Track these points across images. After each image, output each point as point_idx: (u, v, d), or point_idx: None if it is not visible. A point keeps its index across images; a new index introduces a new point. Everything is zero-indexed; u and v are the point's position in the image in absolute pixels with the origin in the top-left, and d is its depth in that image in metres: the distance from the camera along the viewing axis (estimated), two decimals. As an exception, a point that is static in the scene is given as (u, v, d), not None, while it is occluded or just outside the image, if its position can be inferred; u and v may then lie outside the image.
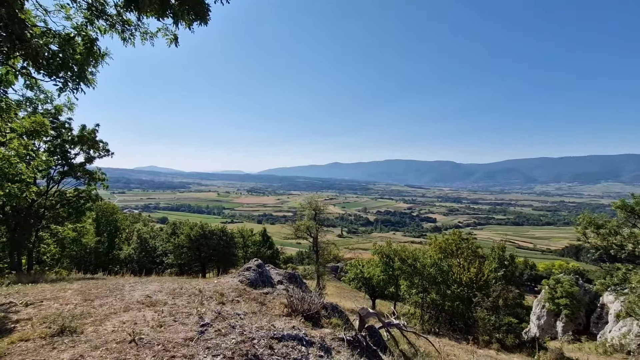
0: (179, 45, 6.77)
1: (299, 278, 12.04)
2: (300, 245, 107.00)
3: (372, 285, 31.19)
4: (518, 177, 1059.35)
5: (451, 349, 13.53)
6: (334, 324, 8.89)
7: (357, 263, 33.43)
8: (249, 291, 9.20)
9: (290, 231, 30.21)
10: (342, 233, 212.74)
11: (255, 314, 7.10)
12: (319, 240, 29.39)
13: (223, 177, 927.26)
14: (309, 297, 8.32)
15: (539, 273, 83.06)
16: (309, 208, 29.79)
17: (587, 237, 17.24)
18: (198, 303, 7.39)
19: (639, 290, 14.30)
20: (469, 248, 28.52)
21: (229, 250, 32.37)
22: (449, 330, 21.47)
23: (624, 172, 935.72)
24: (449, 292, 22.41)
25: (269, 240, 44.96)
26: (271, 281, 10.78)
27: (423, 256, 24.36)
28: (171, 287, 8.88)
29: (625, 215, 15.78)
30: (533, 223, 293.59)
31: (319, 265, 29.68)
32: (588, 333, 31.90)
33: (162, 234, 35.62)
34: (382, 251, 25.12)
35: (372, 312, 10.04)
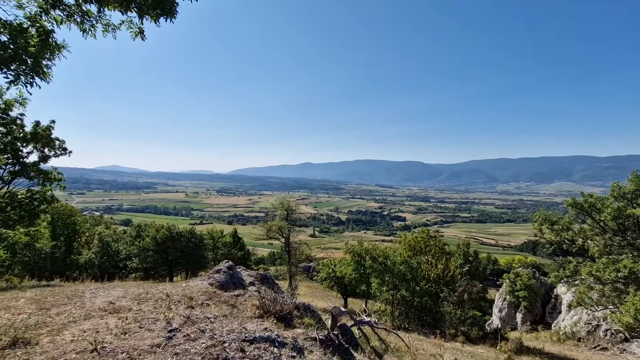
0: (145, 39, 6.48)
1: (271, 279, 11.94)
2: (272, 246, 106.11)
3: (344, 284, 31.52)
4: (481, 177, 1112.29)
5: (420, 344, 13.96)
6: (306, 323, 8.90)
7: (329, 262, 33.66)
8: (219, 294, 9.00)
9: (262, 232, 29.85)
10: (315, 233, 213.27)
11: (226, 317, 6.95)
12: (291, 240, 29.27)
13: (191, 177, 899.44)
14: (281, 298, 8.27)
15: (500, 267, 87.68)
16: (281, 208, 29.58)
17: (543, 233, 18.42)
18: (165, 308, 7.14)
19: (588, 282, 15.48)
20: (436, 245, 29.58)
21: (198, 253, 31.45)
22: (418, 325, 22.15)
23: (575, 172, 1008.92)
24: (418, 288, 23.11)
25: (240, 242, 44.16)
26: (242, 283, 10.61)
27: (393, 254, 24.95)
28: (136, 292, 8.50)
29: (575, 212, 17.03)
30: (495, 220, 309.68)
31: (291, 265, 29.56)
32: (544, 323, 34.12)
33: (126, 237, 33.97)
34: (354, 250, 25.46)
35: (344, 311, 10.14)
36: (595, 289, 15.66)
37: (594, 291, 15.68)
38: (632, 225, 15.53)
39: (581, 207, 16.61)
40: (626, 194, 15.48)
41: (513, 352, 16.46)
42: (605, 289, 15.25)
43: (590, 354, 21.02)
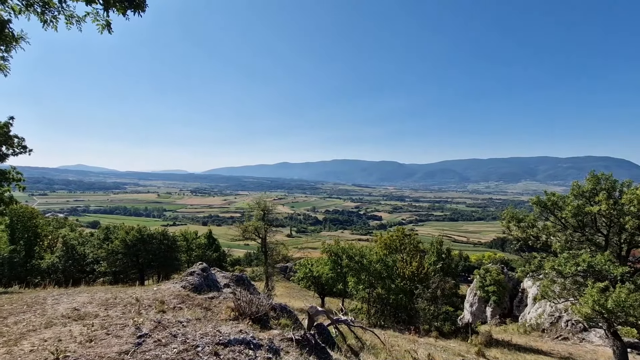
0: (112, 32, 6.20)
1: (247, 280, 11.77)
2: (248, 247, 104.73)
3: (321, 283, 31.59)
4: (454, 177, 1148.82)
5: (395, 340, 14.23)
6: (283, 324, 8.85)
7: (306, 262, 33.63)
8: (192, 297, 8.77)
9: (237, 232, 29.35)
10: (292, 233, 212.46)
11: (199, 320, 6.78)
12: (268, 240, 28.97)
13: (164, 176, 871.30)
14: (257, 299, 8.17)
15: (471, 264, 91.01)
16: (258, 208, 29.21)
17: (510, 230, 19.22)
18: (135, 313, 6.86)
19: (551, 275, 16.32)
20: (411, 244, 30.27)
21: (171, 255, 30.51)
22: (394, 322, 22.57)
23: (539, 172, 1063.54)
24: (394, 286, 23.54)
25: (215, 243, 43.27)
26: (217, 285, 10.39)
27: (369, 253, 25.26)
28: (103, 298, 8.12)
29: (539, 210, 17.90)
30: (467, 218, 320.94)
31: (268, 266, 29.27)
32: (512, 315, 35.74)
33: (93, 240, 32.41)
34: (331, 249, 25.57)
35: (321, 310, 10.17)
36: (557, 283, 16.52)
37: (557, 284, 16.54)
38: (590, 222, 16.53)
39: (545, 205, 17.48)
40: (584, 193, 16.46)
41: (483, 345, 17.12)
42: (566, 282, 16.13)
43: (553, 344, 22.24)
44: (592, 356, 18.66)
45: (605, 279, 14.10)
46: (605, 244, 16.26)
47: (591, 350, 20.85)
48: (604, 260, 13.84)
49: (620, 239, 15.92)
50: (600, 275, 14.20)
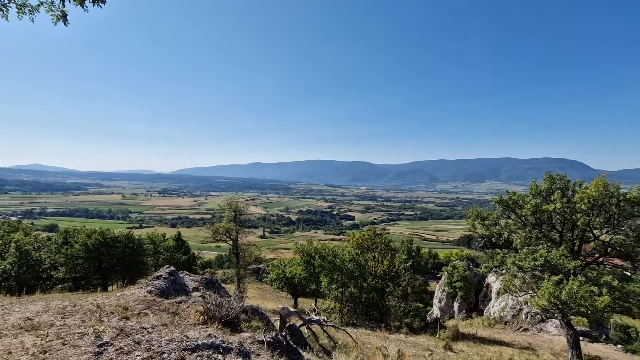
0: (68, 24, 5.84)
1: (217, 283, 11.50)
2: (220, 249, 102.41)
3: (294, 284, 31.48)
4: (424, 177, 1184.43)
5: (367, 338, 14.45)
6: (254, 327, 8.72)
7: (278, 263, 33.38)
8: (159, 302, 8.44)
9: (208, 234, 28.59)
10: (265, 234, 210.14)
11: (166, 325, 6.54)
12: (240, 242, 28.46)
13: (129, 177, 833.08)
14: (228, 302, 8.01)
15: (440, 261, 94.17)
16: (229, 209, 28.60)
17: (475, 228, 20.11)
18: (95, 320, 6.51)
19: (512, 270, 17.25)
20: (382, 242, 30.84)
21: (137, 259, 29.20)
22: (366, 320, 22.89)
23: (502, 172, 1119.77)
24: (366, 284, 23.88)
25: (184, 245, 41.90)
26: (186, 289, 10.07)
27: (342, 252, 25.47)
28: (60, 306, 7.64)
29: (502, 208, 18.88)
30: (436, 217, 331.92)
31: (240, 268, 28.76)
32: (477, 310, 37.39)
33: (51, 244, 30.37)
34: (304, 250, 25.53)
35: (293, 311, 10.13)
36: (518, 277, 17.49)
37: (517, 279, 17.50)
38: (547, 219, 17.62)
39: (506, 203, 18.45)
40: (541, 192, 17.54)
41: (450, 339, 17.76)
42: (526, 277, 17.11)
43: (515, 335, 23.50)
44: (549, 345, 19.88)
45: (560, 272, 15.09)
46: (560, 239, 17.39)
47: (548, 339, 22.23)
48: (558, 255, 14.79)
49: (573, 235, 17.09)
50: (556, 269, 15.18)
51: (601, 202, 15.33)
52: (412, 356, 11.64)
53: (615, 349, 22.89)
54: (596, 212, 15.78)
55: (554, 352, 17.72)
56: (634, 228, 15.75)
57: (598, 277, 14.54)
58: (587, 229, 16.30)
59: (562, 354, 17.25)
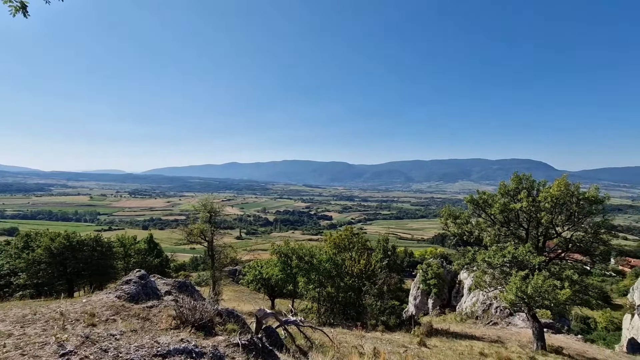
0: (28, 16, 5.51)
1: (191, 286, 11.22)
2: (194, 251, 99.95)
3: (271, 285, 31.21)
4: (399, 177, 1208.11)
5: (344, 337, 14.55)
6: (229, 330, 8.57)
7: (255, 264, 32.99)
8: (128, 307, 8.12)
9: (182, 236, 27.76)
10: (241, 235, 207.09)
11: (136, 331, 6.30)
12: (215, 243, 27.85)
13: (98, 177, 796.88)
14: (201, 305, 7.83)
15: (415, 259, 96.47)
16: (204, 210, 27.91)
17: (448, 227, 20.78)
18: (58, 329, 6.17)
19: (482, 267, 17.96)
20: (359, 242, 31.20)
21: (105, 263, 27.97)
22: (343, 320, 23.05)
23: (473, 172, 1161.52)
24: (343, 284, 24.05)
25: (156, 248, 40.62)
26: (157, 293, 9.75)
27: (319, 252, 25.52)
28: (20, 314, 7.18)
29: (473, 207, 19.61)
30: (411, 217, 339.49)
31: (215, 270, 28.15)
32: (450, 306, 38.55)
33: (10, 249, 28.53)
34: (280, 250, 25.38)
35: (270, 313, 10.05)
36: (488, 273, 18.21)
37: (487, 275, 18.22)
38: (514, 217, 18.48)
39: (477, 203, 19.18)
40: (509, 192, 18.37)
41: (425, 335, 18.22)
42: (495, 273, 17.85)
43: (485, 329, 24.43)
44: (516, 337, 20.81)
45: (526, 268, 15.85)
46: (526, 237, 18.27)
47: (516, 332, 23.28)
48: (525, 252, 15.53)
49: (538, 232, 18.00)
50: (522, 265, 15.92)
51: (563, 200, 16.23)
52: (388, 353, 11.83)
53: (576, 339, 24.30)
54: (558, 210, 16.71)
55: (521, 344, 18.57)
56: (592, 225, 16.79)
57: (560, 272, 15.39)
58: (550, 226, 17.21)
59: (529, 346, 18.11)
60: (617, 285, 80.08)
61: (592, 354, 19.00)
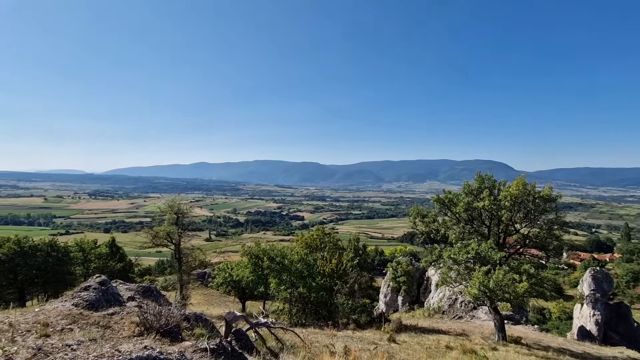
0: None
1: (156, 291, 10.78)
2: (161, 254, 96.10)
3: (242, 287, 30.67)
4: (370, 177, 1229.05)
5: (315, 337, 14.58)
6: (197, 334, 8.33)
7: (225, 266, 32.23)
8: (87, 315, 7.67)
9: (147, 239, 26.59)
10: (211, 236, 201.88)
11: (95, 341, 5.96)
12: (182, 246, 26.91)
13: (53, 177, 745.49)
14: (167, 310, 7.54)
15: (386, 258, 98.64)
16: (170, 211, 26.88)
17: (416, 225, 21.44)
18: (7, 341, 5.70)
19: (448, 264, 18.67)
20: (330, 242, 31.34)
21: (62, 269, 26.27)
22: (315, 320, 23.08)
23: (440, 173, 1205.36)
24: (314, 284, 24.07)
25: (119, 252, 38.61)
26: (119, 299, 9.28)
27: (291, 253, 25.38)
28: (-40, 328, 6.56)
29: (439, 206, 20.36)
30: (382, 216, 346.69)
31: (182, 273, 27.20)
32: (419, 302, 39.74)
33: (-50, 257, 26.01)
34: (251, 252, 24.96)
35: (240, 315, 9.86)
36: (453, 269, 18.95)
37: (453, 271, 18.96)
38: (477, 215, 19.39)
39: (443, 202, 19.93)
40: (473, 191, 19.25)
41: (394, 331, 18.65)
42: (460, 269, 18.60)
43: (451, 323, 25.43)
44: (480, 330, 21.84)
45: (488, 263, 16.65)
46: (488, 233, 19.21)
47: (479, 325, 24.43)
48: (487, 248, 16.33)
49: (499, 229, 19.00)
50: (485, 260, 16.72)
51: (521, 199, 17.25)
52: (358, 351, 11.99)
53: (533, 329, 25.91)
54: (517, 209, 17.73)
55: (484, 336, 19.51)
56: (546, 222, 17.99)
57: (519, 266, 16.31)
58: (510, 223, 18.23)
59: (491, 337, 19.07)
60: (569, 277, 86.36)
61: (546, 342, 20.33)
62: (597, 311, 28.18)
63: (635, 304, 63.46)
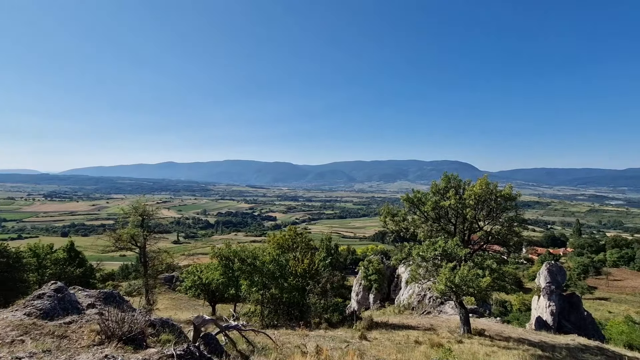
0: None
1: (119, 297, 10.27)
2: (125, 258, 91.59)
3: (212, 290, 29.91)
4: (342, 177, 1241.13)
5: (287, 337, 14.50)
6: (163, 340, 8.03)
7: (194, 269, 31.26)
8: (41, 325, 7.16)
9: (109, 242, 25.24)
10: (179, 239, 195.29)
11: (49, 352, 5.58)
12: (148, 249, 25.79)
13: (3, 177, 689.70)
14: (131, 317, 7.20)
15: (358, 257, 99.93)
16: (135, 213, 25.66)
17: (387, 224, 21.90)
18: (-54, 358, 5.20)
19: (417, 261, 19.24)
20: (303, 242, 31.34)
21: (12, 276, 24.31)
22: (287, 320, 22.95)
23: (410, 173, 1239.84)
24: (287, 284, 23.93)
25: (78, 256, 36.46)
26: (78, 307, 8.74)
27: (263, 254, 25.09)
28: None
29: (409, 205, 20.93)
30: (354, 215, 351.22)
31: (148, 277, 26.08)
32: (389, 299, 40.65)
33: None
34: (221, 253, 24.41)
35: (209, 319, 9.61)
36: (422, 267, 19.55)
37: (422, 268, 19.56)
38: (444, 214, 20.12)
39: (412, 201, 20.50)
40: (440, 190, 19.96)
41: (365, 329, 18.94)
42: (428, 265, 19.22)
43: (420, 319, 26.21)
44: (447, 324, 22.67)
45: (454, 259, 17.34)
46: (454, 231, 19.98)
47: (446, 319, 25.36)
48: (453, 245, 16.98)
49: (464, 227, 19.82)
50: (451, 257, 17.39)
51: (484, 198, 18.10)
52: (330, 349, 12.06)
53: (495, 321, 27.28)
54: (480, 207, 18.58)
55: (451, 329, 20.28)
56: (507, 219, 19.00)
57: (482, 262, 17.11)
58: (474, 221, 19.07)
59: (457, 330, 19.86)
60: (528, 271, 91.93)
61: (508, 333, 21.48)
62: (552, 302, 30.14)
63: (586, 294, 68.75)
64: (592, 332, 27.09)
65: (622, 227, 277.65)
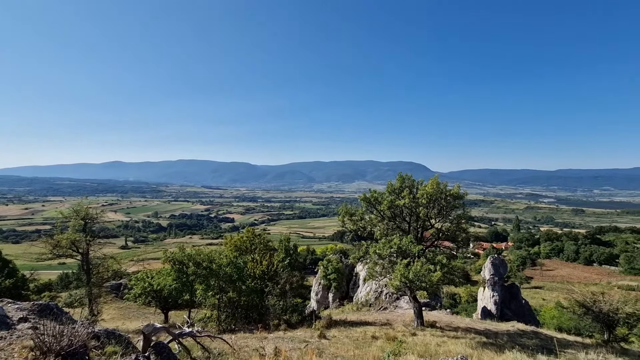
0: None
1: (57, 309, 9.37)
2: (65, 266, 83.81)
3: (164, 296, 28.40)
4: (302, 178, 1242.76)
5: (245, 341, 14.19)
6: (108, 353, 7.49)
7: (144, 275, 29.44)
8: (-40, 345, 6.32)
9: (46, 249, 22.87)
10: (127, 243, 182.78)
11: (-30, 375, 4.95)
12: (92, 255, 23.79)
13: None
14: (71, 330, 6.62)
15: (317, 256, 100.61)
16: (76, 217, 23.52)
17: (345, 224, 22.33)
18: None
19: (374, 259, 19.83)
20: (261, 243, 30.90)
21: None
22: (245, 324, 22.47)
23: (368, 173, 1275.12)
24: (245, 287, 23.43)
25: (8, 266, 32.71)
26: (7, 322, 7.84)
27: (219, 257, 24.33)
28: None
29: (366, 205, 21.52)
30: (313, 216, 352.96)
31: (92, 286, 24.07)
32: (348, 297, 41.38)
33: None
34: (175, 258, 23.26)
35: (160, 327, 9.11)
36: (378, 264, 20.17)
37: (378, 265, 20.17)
38: (399, 212, 20.95)
39: (369, 200, 21.10)
40: (395, 190, 20.76)
41: (324, 327, 19.13)
42: (384, 263, 19.88)
43: (377, 315, 27.02)
44: (402, 319, 23.61)
45: (408, 256, 18.11)
46: (408, 229, 20.88)
47: (401, 314, 26.41)
48: (407, 242, 17.73)
49: (417, 225, 20.78)
50: (405, 254, 18.14)
51: (435, 197, 19.13)
52: (289, 350, 12.02)
53: (446, 313, 28.93)
54: (432, 205, 19.61)
55: (405, 323, 21.17)
56: (456, 217, 20.25)
57: (434, 258, 18.05)
58: (426, 219, 20.08)
59: (411, 324, 20.77)
60: (475, 265, 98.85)
61: (456, 323, 22.89)
62: (495, 292, 32.63)
63: (524, 284, 75.46)
64: (529, 318, 29.73)
65: (553, 222, 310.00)
